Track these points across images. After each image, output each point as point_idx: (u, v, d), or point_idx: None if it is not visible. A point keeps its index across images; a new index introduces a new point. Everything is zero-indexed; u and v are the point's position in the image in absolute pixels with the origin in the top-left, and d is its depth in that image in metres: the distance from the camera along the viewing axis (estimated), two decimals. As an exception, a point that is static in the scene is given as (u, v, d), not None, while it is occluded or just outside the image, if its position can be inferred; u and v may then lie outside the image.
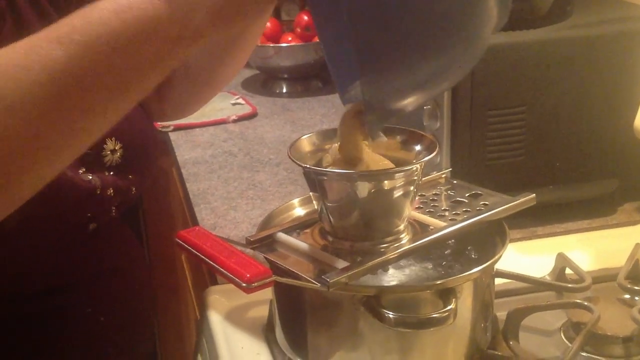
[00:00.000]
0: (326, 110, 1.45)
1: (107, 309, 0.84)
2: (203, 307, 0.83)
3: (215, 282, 0.87)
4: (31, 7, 0.75)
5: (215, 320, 0.79)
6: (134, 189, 0.83)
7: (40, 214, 0.68)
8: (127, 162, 0.80)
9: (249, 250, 0.68)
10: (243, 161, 1.21)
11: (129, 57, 0.50)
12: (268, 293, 0.71)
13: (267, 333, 0.75)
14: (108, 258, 0.86)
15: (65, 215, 0.74)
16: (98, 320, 0.83)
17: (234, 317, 0.79)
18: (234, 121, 1.39)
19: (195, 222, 1.02)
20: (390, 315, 0.59)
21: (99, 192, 0.77)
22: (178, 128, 1.35)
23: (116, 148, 0.79)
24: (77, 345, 0.82)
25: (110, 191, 0.79)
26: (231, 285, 0.61)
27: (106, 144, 0.78)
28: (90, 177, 0.77)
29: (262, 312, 0.77)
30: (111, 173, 0.80)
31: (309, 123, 1.38)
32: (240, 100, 1.48)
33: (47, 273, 0.78)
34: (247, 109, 1.44)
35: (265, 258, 0.67)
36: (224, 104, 1.46)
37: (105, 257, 0.85)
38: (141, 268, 0.94)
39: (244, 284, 0.59)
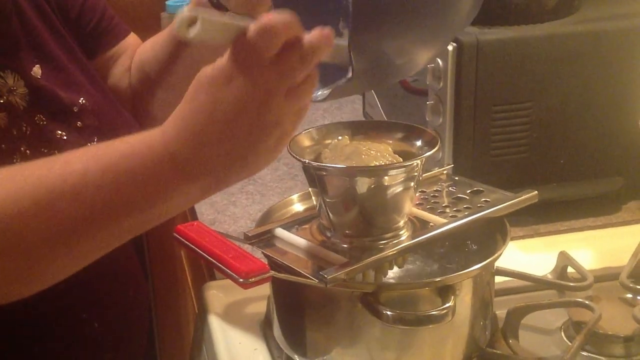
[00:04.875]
0: (328, 105, 1.43)
1: (102, 315, 0.83)
2: (201, 302, 0.83)
3: (213, 277, 0.86)
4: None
5: (213, 315, 0.78)
6: None
7: None
8: None
9: (247, 246, 0.68)
10: (244, 155, 1.20)
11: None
12: (266, 289, 0.70)
13: (264, 329, 0.74)
14: (103, 264, 0.85)
15: None
16: (92, 327, 0.82)
17: (232, 313, 0.78)
18: (236, 115, 1.38)
19: (194, 217, 1.02)
20: (388, 312, 0.59)
21: None
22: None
23: None
24: (71, 351, 0.81)
25: None
26: (229, 281, 0.60)
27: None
28: None
29: (260, 307, 0.76)
30: None
31: (310, 118, 1.37)
32: (243, 94, 1.47)
33: None
34: (249, 103, 1.42)
35: (263, 253, 0.66)
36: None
37: (100, 262, 0.84)
38: (137, 273, 0.93)
39: (241, 279, 0.59)
